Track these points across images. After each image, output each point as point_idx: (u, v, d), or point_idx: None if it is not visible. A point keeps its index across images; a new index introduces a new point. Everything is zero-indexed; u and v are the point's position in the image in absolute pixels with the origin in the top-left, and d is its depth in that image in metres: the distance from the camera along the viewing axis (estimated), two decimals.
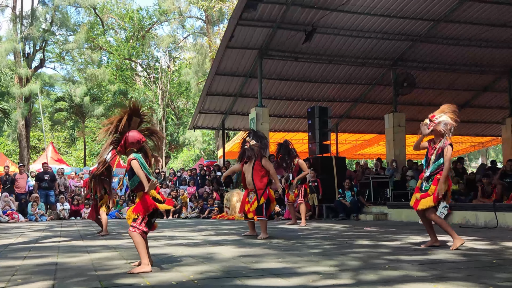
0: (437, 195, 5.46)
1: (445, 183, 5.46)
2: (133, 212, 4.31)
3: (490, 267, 4.23)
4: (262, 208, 7.28)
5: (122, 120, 4.41)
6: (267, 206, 7.37)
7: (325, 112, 14.45)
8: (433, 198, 5.51)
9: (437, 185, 5.48)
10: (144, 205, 4.30)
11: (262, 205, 7.28)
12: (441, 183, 5.44)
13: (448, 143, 5.53)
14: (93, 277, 3.96)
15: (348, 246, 6.01)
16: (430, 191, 5.55)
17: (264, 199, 7.30)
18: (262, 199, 7.26)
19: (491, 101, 20.80)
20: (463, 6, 14.21)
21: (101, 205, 8.55)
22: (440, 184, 5.45)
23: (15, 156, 35.32)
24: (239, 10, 13.54)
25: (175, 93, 37.89)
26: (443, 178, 5.44)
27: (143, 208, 4.30)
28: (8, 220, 13.58)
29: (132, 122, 4.48)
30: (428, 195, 5.55)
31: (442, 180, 5.44)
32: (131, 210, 4.34)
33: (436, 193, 5.47)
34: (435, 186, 5.51)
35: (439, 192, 5.44)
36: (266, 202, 7.35)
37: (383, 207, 12.68)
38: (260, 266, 4.39)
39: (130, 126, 4.47)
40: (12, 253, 5.81)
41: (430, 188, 5.56)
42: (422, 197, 5.61)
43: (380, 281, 3.60)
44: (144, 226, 4.32)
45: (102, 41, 36.25)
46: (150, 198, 4.33)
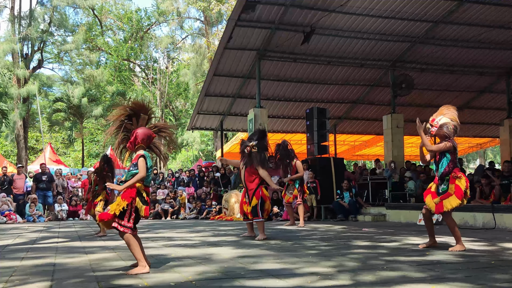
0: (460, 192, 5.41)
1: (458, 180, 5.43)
2: (122, 198, 4.20)
3: (488, 268, 4.24)
4: (257, 210, 7.27)
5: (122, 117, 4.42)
6: (261, 207, 7.35)
7: (324, 113, 14.45)
8: (458, 196, 5.42)
9: (455, 184, 5.43)
10: (130, 194, 4.23)
11: (256, 206, 7.27)
12: (419, 131, 5.57)
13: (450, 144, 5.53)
14: (91, 278, 3.95)
15: (346, 247, 6.01)
16: (451, 190, 5.46)
17: (257, 199, 7.28)
18: (255, 199, 7.25)
19: (489, 103, 20.83)
20: (462, 7, 14.23)
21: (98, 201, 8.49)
22: (422, 138, 5.55)
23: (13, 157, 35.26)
24: (237, 11, 13.54)
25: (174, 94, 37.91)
26: (424, 139, 5.56)
27: (129, 195, 4.22)
28: (6, 221, 13.56)
29: (140, 119, 4.46)
30: (450, 194, 5.45)
31: (422, 137, 5.55)
32: (119, 198, 4.22)
33: (457, 190, 5.40)
34: (453, 184, 5.45)
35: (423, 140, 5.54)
36: (260, 202, 7.33)
37: (381, 208, 12.68)
38: (258, 267, 4.39)
39: (139, 123, 4.46)
40: (10, 254, 5.80)
41: (450, 188, 5.47)
42: (442, 198, 5.49)
43: (378, 282, 3.60)
44: (131, 223, 4.26)
45: (101, 41, 36.26)
46: (135, 190, 4.27)
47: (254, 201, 7.26)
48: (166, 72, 36.83)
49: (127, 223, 4.23)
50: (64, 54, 33.35)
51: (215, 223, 12.50)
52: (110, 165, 8.43)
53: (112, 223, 4.23)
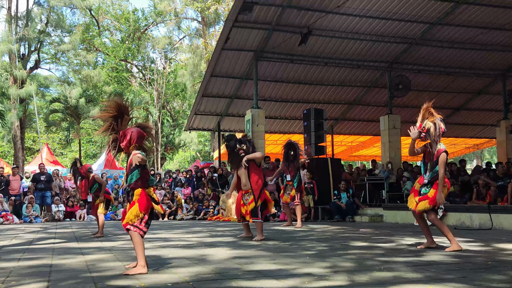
0: (436, 201, 5.52)
1: (443, 191, 5.54)
2: (140, 211, 4.29)
3: (484, 269, 4.25)
4: (257, 210, 7.29)
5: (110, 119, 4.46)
6: (263, 208, 7.37)
7: (321, 114, 14.47)
8: (429, 201, 5.56)
9: (437, 189, 5.53)
10: (146, 203, 4.32)
11: (258, 207, 7.28)
12: (440, 192, 5.50)
13: (443, 150, 5.57)
14: (87, 279, 3.95)
15: (343, 248, 6.02)
16: (430, 194, 5.59)
17: (261, 200, 7.31)
18: (259, 200, 7.27)
19: (485, 104, 20.90)
20: (458, 9, 14.28)
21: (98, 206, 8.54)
22: (439, 193, 5.51)
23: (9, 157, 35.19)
24: (234, 12, 13.56)
25: (171, 94, 37.89)
26: (440, 187, 5.51)
27: (146, 205, 4.31)
28: (2, 221, 13.52)
29: (124, 120, 4.51)
30: (427, 197, 5.59)
31: (439, 189, 5.50)
32: (137, 209, 4.30)
33: (434, 197, 5.52)
34: (434, 190, 5.56)
35: (438, 201, 5.51)
36: (263, 204, 7.35)
37: (378, 209, 12.70)
38: (255, 268, 4.39)
39: (122, 125, 4.50)
40: (6, 255, 5.79)
41: (430, 192, 5.60)
42: (420, 200, 5.66)
43: (374, 283, 3.61)
44: (144, 226, 4.34)
45: (98, 42, 36.20)
46: (148, 196, 4.36)
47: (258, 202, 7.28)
48: (164, 72, 36.81)
49: (139, 225, 4.32)
50: (61, 54, 33.29)
51: (212, 223, 12.50)
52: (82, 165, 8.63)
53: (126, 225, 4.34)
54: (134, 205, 4.33)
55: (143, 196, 4.34)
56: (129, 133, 4.41)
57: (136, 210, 4.30)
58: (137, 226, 4.30)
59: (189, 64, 32.64)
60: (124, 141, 4.40)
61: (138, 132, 4.45)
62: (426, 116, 5.64)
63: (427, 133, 5.57)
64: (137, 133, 4.43)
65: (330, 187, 13.60)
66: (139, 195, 4.35)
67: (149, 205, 4.35)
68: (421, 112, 5.70)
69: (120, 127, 4.48)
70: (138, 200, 4.33)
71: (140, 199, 4.33)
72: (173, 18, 35.03)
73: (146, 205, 4.32)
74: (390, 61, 16.97)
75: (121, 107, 4.51)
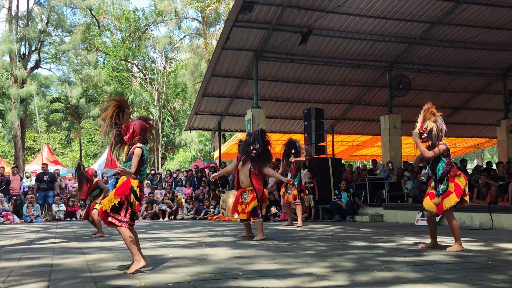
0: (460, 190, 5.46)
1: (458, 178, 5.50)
2: (114, 195, 4.26)
3: (485, 268, 4.25)
4: (257, 210, 7.30)
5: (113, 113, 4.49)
6: (260, 207, 7.41)
7: (321, 114, 14.47)
8: (457, 194, 5.44)
9: (455, 182, 5.47)
10: (123, 188, 4.28)
11: (257, 206, 7.30)
12: (418, 144, 5.59)
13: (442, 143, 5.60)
14: (88, 279, 3.95)
15: (343, 248, 6.02)
16: (451, 188, 5.49)
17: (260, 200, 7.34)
18: (256, 201, 7.30)
19: (486, 104, 20.88)
20: (459, 8, 14.27)
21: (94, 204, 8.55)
22: (418, 145, 5.57)
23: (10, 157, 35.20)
24: (235, 12, 13.56)
25: (171, 94, 37.89)
26: (420, 146, 5.59)
27: (121, 190, 4.27)
28: (3, 221, 13.53)
29: (125, 114, 4.56)
30: (450, 192, 5.48)
31: (418, 145, 5.57)
32: (112, 194, 4.28)
33: (457, 189, 5.44)
34: (452, 182, 5.49)
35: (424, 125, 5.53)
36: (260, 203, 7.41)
37: (378, 208, 12.70)
38: (255, 268, 4.40)
39: (124, 118, 4.54)
40: (7, 255, 5.79)
41: (449, 186, 5.51)
42: (443, 197, 5.53)
43: (375, 283, 3.61)
44: (128, 218, 4.30)
45: (98, 42, 36.19)
46: (129, 185, 4.31)
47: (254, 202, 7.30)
48: (164, 72, 36.80)
49: (123, 218, 4.29)
50: (61, 54, 33.25)
51: (213, 223, 12.50)
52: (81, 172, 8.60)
53: (107, 219, 4.27)
54: (112, 192, 4.34)
55: (124, 183, 4.31)
56: (132, 125, 4.47)
57: (111, 194, 4.29)
58: (120, 220, 4.26)
59: (189, 64, 32.63)
60: (127, 133, 4.45)
61: (141, 124, 4.51)
62: (427, 117, 5.62)
63: (429, 133, 5.55)
64: (140, 125, 4.49)
65: (331, 187, 13.59)
66: (121, 182, 4.34)
67: (125, 191, 4.27)
68: (421, 112, 5.69)
69: (122, 121, 4.53)
70: (117, 188, 4.31)
71: (120, 186, 4.31)
72: (173, 18, 35.02)
73: (122, 191, 4.26)
74: (391, 60, 16.96)
75: (121, 101, 4.59)
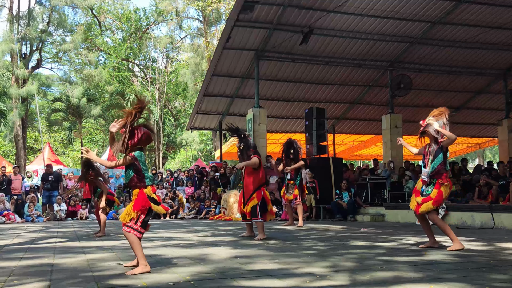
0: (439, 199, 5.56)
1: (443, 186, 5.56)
2: (133, 210, 4.26)
3: (486, 268, 4.25)
4: (256, 210, 7.28)
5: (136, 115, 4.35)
6: (263, 208, 7.36)
7: (322, 113, 14.47)
8: (433, 202, 5.58)
9: (439, 189, 5.55)
10: (142, 202, 4.29)
11: (256, 206, 7.28)
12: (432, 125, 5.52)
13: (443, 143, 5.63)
14: (89, 278, 3.96)
15: (344, 247, 6.02)
16: (432, 194, 5.61)
17: (258, 200, 7.30)
18: (255, 200, 7.28)
19: (487, 103, 20.87)
20: (459, 8, 14.27)
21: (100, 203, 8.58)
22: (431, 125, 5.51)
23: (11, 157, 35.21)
24: (236, 12, 13.57)
25: (172, 93, 37.88)
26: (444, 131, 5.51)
27: (140, 205, 4.28)
28: (4, 221, 13.54)
29: (138, 118, 4.43)
30: (430, 198, 5.61)
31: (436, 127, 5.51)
32: (131, 208, 4.28)
33: (437, 198, 5.55)
34: (437, 190, 5.58)
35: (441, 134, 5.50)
36: (262, 203, 7.35)
37: (380, 208, 12.70)
38: (256, 267, 4.40)
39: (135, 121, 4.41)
40: (8, 254, 5.80)
41: (432, 192, 5.62)
42: (423, 201, 5.66)
43: (376, 282, 3.61)
44: (139, 226, 4.30)
45: (99, 41, 36.21)
46: (146, 196, 4.33)
47: (254, 202, 7.27)
48: (165, 72, 36.80)
49: (134, 226, 4.27)
50: (62, 54, 33.30)
51: (214, 223, 12.51)
52: (94, 168, 8.49)
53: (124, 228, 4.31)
54: (129, 206, 4.33)
55: (139, 196, 4.32)
56: (140, 132, 4.36)
57: (128, 209, 4.29)
58: (131, 227, 4.26)
59: (190, 64, 32.63)
60: (134, 138, 4.34)
61: (148, 134, 4.41)
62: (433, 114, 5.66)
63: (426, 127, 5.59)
64: (146, 135, 4.39)
65: (332, 186, 13.59)
66: (136, 195, 4.34)
67: (145, 205, 4.30)
68: (434, 111, 5.70)
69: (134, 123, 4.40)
70: (135, 200, 4.32)
71: (136, 199, 4.32)
72: (174, 18, 35.01)
73: (141, 205, 4.29)
74: (391, 60, 16.95)
75: (144, 106, 4.41)
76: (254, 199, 7.28)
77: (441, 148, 5.61)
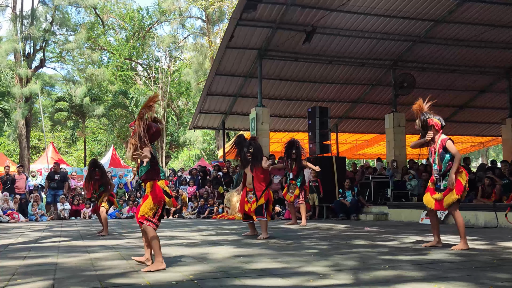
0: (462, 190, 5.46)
1: (459, 175, 5.49)
2: (154, 203, 4.33)
3: (490, 267, 4.24)
4: (262, 209, 7.34)
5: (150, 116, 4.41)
6: (266, 207, 7.42)
7: (325, 112, 14.46)
8: (456, 191, 5.46)
9: (457, 179, 5.47)
10: (159, 195, 4.35)
11: (262, 205, 7.34)
12: (451, 174, 5.47)
13: (447, 138, 5.61)
14: (92, 277, 3.97)
15: (347, 246, 6.01)
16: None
17: (264, 200, 7.38)
18: (262, 199, 7.35)
19: (490, 102, 20.81)
20: (463, 6, 14.23)
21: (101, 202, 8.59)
22: (450, 175, 5.48)
23: (15, 156, 35.31)
24: (239, 11, 13.57)
25: (176, 93, 37.92)
26: (454, 169, 5.47)
27: (158, 197, 4.35)
28: (8, 220, 13.59)
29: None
30: (450, 190, 5.51)
31: (452, 171, 5.47)
32: (151, 202, 4.33)
33: (458, 186, 5.46)
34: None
35: (449, 183, 5.47)
36: (266, 203, 7.42)
37: (383, 207, 12.68)
38: (259, 266, 4.40)
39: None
40: (12, 253, 5.82)
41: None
42: (444, 194, 5.55)
43: (379, 281, 3.61)
44: (156, 220, 4.41)
45: (103, 41, 36.27)
46: (160, 189, 4.39)
47: (261, 200, 7.38)
48: (168, 71, 36.84)
49: (152, 219, 4.38)
50: (66, 53, 33.37)
51: (217, 222, 12.52)
52: (100, 168, 8.52)
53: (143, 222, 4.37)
54: (147, 198, 4.39)
55: (155, 188, 4.38)
56: (153, 128, 4.43)
57: (150, 203, 4.36)
58: (150, 220, 4.36)
59: (193, 63, 32.65)
60: (149, 132, 4.39)
61: (158, 129, 4.49)
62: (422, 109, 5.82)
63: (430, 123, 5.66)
64: (157, 131, 4.47)
65: (335, 186, 13.58)
66: (151, 188, 4.38)
67: (161, 197, 4.38)
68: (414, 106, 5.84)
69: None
70: (151, 193, 4.37)
71: (152, 192, 4.37)
72: (177, 17, 35.02)
73: (159, 197, 4.36)
74: (395, 59, 16.92)
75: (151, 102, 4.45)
76: (262, 198, 7.38)
77: (445, 150, 5.58)
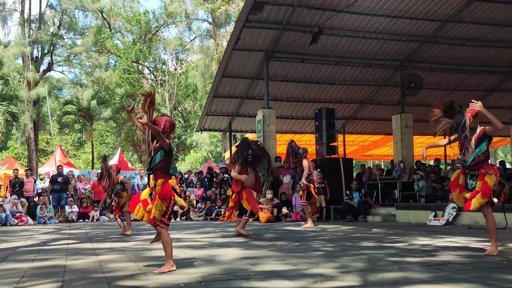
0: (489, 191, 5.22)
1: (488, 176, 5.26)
2: (164, 202, 4.29)
3: (498, 268, 4.21)
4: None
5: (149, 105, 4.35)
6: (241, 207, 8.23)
7: (332, 114, 14.42)
8: (482, 194, 5.23)
9: (484, 181, 5.24)
10: (169, 193, 4.32)
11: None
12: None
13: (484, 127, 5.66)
14: (100, 279, 3.98)
15: (355, 248, 5.99)
16: (478, 187, 5.30)
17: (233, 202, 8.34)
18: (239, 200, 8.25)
19: (499, 102, 20.65)
20: (471, 6, 14.14)
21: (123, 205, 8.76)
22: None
23: (23, 159, 35.55)
24: (245, 12, 13.56)
25: (182, 95, 38.01)
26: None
27: (168, 196, 4.32)
28: (17, 223, 13.67)
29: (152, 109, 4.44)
30: (477, 192, 5.30)
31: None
32: (160, 202, 4.29)
33: (484, 189, 5.21)
34: (481, 181, 5.28)
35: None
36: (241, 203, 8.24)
37: (391, 208, 12.63)
38: (267, 268, 4.39)
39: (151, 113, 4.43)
40: (21, 256, 5.85)
41: (477, 185, 5.31)
42: (471, 196, 5.34)
43: (387, 283, 3.59)
44: (166, 219, 4.40)
45: (110, 44, 36.45)
46: (170, 186, 4.35)
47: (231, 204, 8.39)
48: (175, 73, 36.94)
49: (166, 221, 4.39)
50: (73, 57, 33.59)
51: (224, 224, 12.51)
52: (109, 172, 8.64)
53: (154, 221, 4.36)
54: (156, 199, 4.33)
55: (164, 186, 4.33)
56: (164, 121, 4.41)
57: (159, 205, 4.31)
58: (163, 222, 4.35)
59: (200, 65, 32.71)
60: (160, 127, 4.36)
61: (171, 121, 4.46)
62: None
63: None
64: (170, 122, 4.45)
65: (342, 187, 13.54)
66: (161, 186, 4.33)
67: (168, 194, 4.32)
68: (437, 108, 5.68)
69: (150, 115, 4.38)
70: (159, 193, 4.31)
71: (161, 191, 4.31)
72: (183, 20, 35.14)
73: (166, 194, 4.31)
74: (402, 59, 16.85)
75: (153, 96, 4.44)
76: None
77: (485, 135, 5.44)
